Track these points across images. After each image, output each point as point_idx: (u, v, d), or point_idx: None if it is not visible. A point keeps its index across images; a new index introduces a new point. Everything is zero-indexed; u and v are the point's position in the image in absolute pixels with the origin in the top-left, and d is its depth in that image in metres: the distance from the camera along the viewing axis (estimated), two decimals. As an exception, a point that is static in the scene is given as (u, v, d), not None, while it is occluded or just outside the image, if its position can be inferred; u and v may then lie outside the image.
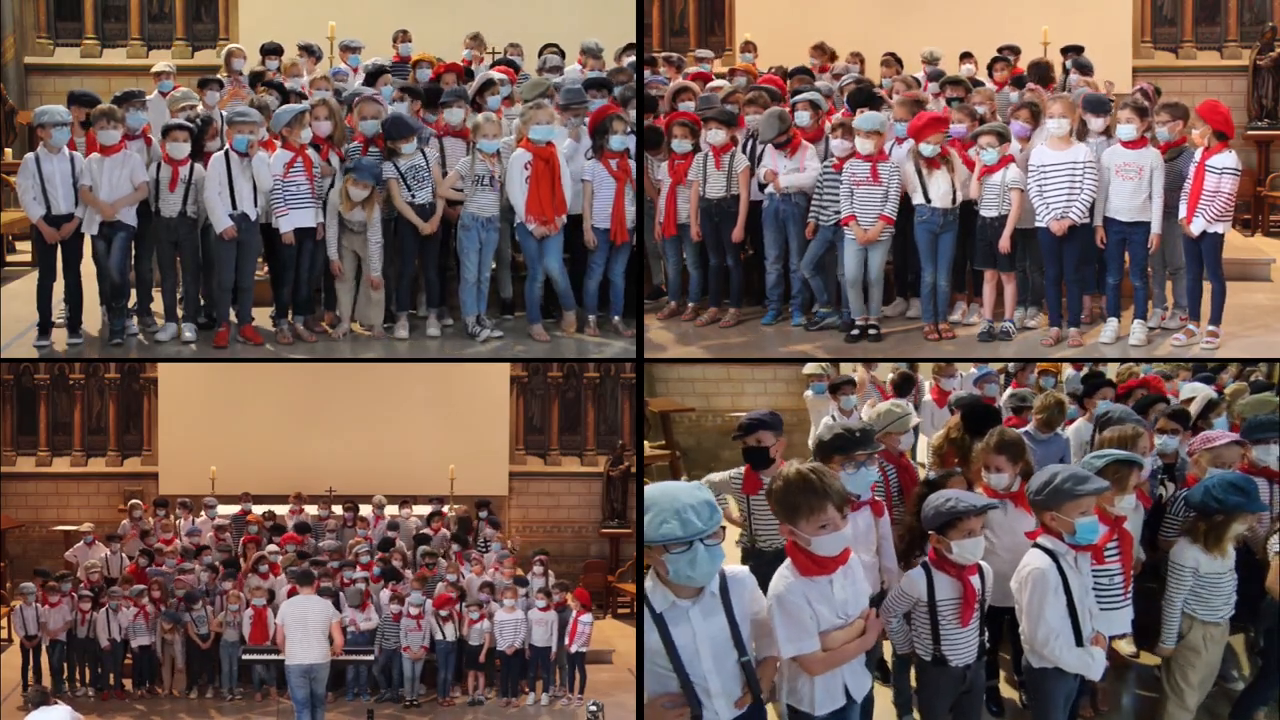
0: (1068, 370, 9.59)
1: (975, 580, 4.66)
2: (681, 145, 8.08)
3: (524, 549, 10.71)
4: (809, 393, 9.34)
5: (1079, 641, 4.60)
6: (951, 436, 6.08)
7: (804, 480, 3.91)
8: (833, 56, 10.53)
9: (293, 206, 7.64)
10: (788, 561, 4.02)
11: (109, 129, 7.47)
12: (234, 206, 7.51)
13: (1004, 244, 7.51)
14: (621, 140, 7.86)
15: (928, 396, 8.79)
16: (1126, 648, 6.14)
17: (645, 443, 11.02)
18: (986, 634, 4.82)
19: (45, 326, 7.67)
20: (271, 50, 9.94)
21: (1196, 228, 7.01)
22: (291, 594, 8.55)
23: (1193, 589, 5.27)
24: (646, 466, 10.22)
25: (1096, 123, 7.61)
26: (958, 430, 6.06)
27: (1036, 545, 4.68)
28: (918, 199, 7.58)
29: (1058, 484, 4.62)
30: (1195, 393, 7.80)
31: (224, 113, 8.00)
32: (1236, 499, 5.21)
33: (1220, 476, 5.36)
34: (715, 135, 7.96)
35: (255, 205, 7.55)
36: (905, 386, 8.50)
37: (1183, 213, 7.08)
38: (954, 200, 7.56)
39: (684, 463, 11.53)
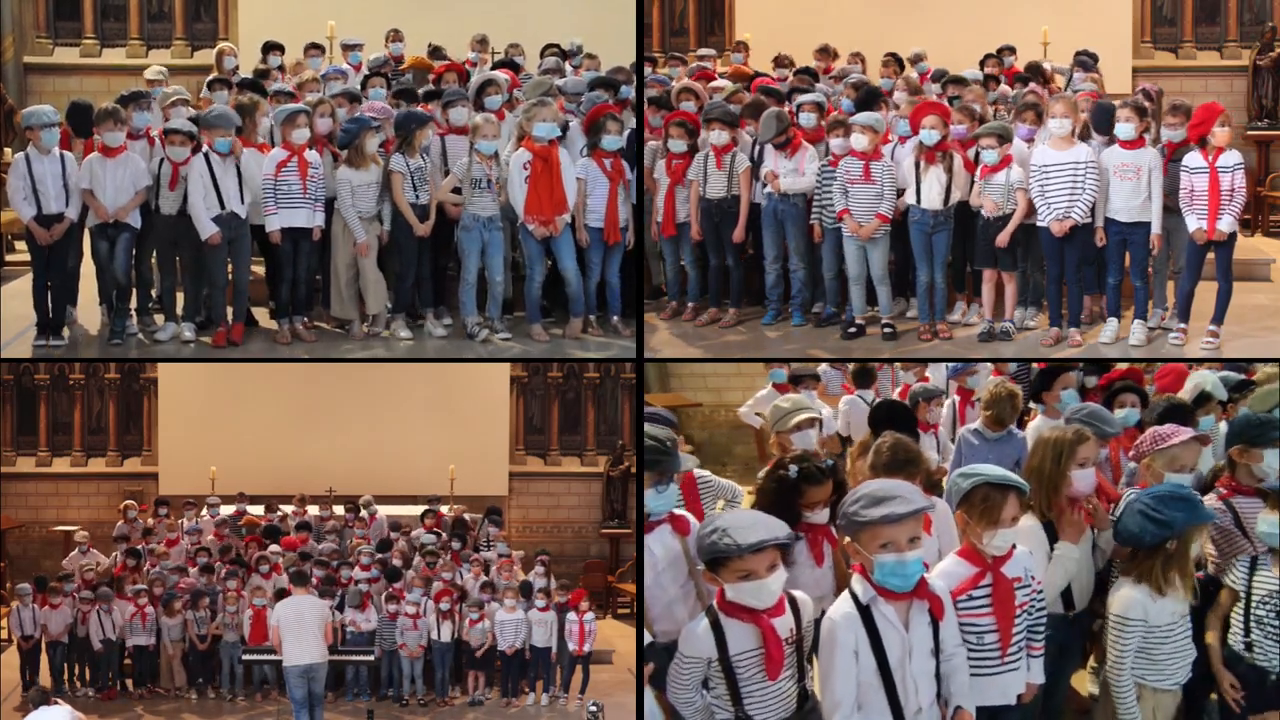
0: None
1: (782, 621, 3.62)
2: (677, 145, 8.07)
3: (523, 548, 10.70)
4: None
5: (897, 718, 3.54)
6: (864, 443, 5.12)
7: None
8: (835, 57, 10.54)
9: (283, 206, 7.57)
10: None
11: (114, 131, 7.41)
12: (221, 206, 7.45)
13: (1002, 238, 7.49)
14: (614, 140, 7.80)
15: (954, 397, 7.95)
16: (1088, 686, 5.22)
17: None
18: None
19: (44, 326, 7.65)
20: (274, 47, 9.91)
21: (1226, 226, 6.97)
22: (286, 594, 8.55)
23: (1139, 647, 4.09)
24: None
25: (1101, 137, 7.58)
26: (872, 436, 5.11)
27: (849, 589, 3.65)
28: (910, 199, 7.58)
29: (845, 505, 3.59)
30: (1201, 381, 6.45)
31: (201, 115, 7.85)
32: (1182, 513, 4.04)
33: (1150, 493, 4.19)
34: (717, 136, 7.95)
35: (243, 203, 7.50)
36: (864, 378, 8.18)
37: (1194, 223, 7.02)
38: (945, 202, 7.54)
39: (698, 457, 11.47)
